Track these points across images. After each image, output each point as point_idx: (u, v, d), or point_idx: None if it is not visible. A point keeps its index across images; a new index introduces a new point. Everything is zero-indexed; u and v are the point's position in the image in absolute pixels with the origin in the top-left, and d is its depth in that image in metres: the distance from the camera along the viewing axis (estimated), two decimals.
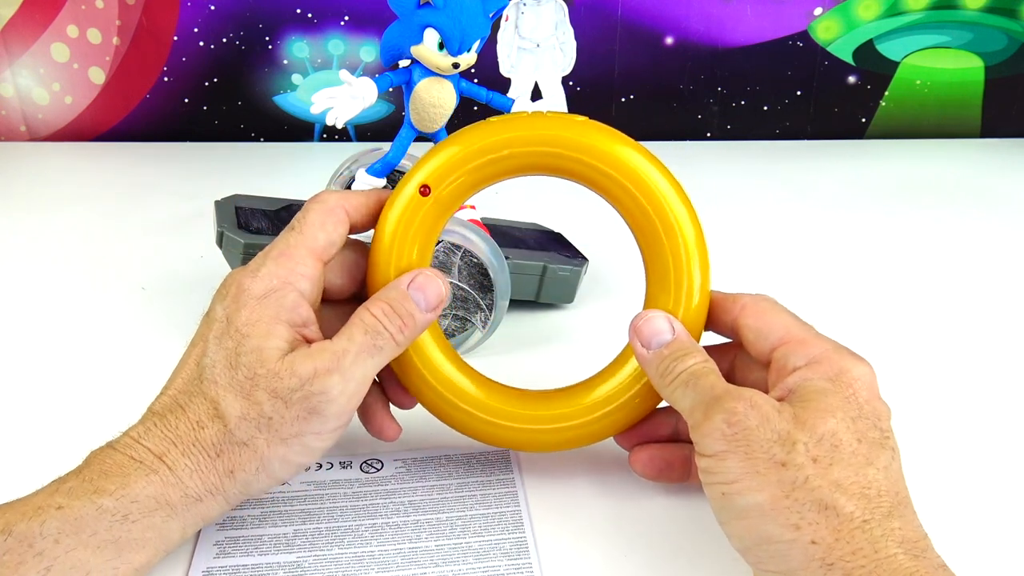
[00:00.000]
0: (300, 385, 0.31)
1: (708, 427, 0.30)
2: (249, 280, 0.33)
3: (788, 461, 0.28)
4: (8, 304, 0.54)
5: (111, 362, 0.48)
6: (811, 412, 0.29)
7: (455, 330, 0.46)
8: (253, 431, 0.31)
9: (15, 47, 0.81)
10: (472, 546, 0.35)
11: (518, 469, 0.39)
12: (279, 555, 0.34)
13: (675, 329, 0.34)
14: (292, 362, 0.32)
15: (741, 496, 0.29)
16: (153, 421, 0.32)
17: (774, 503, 0.28)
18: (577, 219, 0.60)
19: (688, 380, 0.32)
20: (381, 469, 0.39)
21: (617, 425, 0.37)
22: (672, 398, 0.33)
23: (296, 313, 0.33)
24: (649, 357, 0.34)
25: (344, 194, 0.36)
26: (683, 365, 0.33)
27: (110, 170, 0.80)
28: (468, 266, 0.45)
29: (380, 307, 0.34)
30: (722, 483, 0.30)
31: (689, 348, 0.34)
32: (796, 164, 0.83)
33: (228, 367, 0.32)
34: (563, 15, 0.85)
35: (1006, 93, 0.89)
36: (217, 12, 0.81)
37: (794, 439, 0.29)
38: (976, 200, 0.74)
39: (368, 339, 0.33)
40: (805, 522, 0.28)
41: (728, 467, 0.30)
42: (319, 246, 0.34)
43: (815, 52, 0.86)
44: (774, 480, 0.28)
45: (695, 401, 0.32)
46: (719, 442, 0.30)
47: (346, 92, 0.41)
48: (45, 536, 0.28)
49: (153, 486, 0.30)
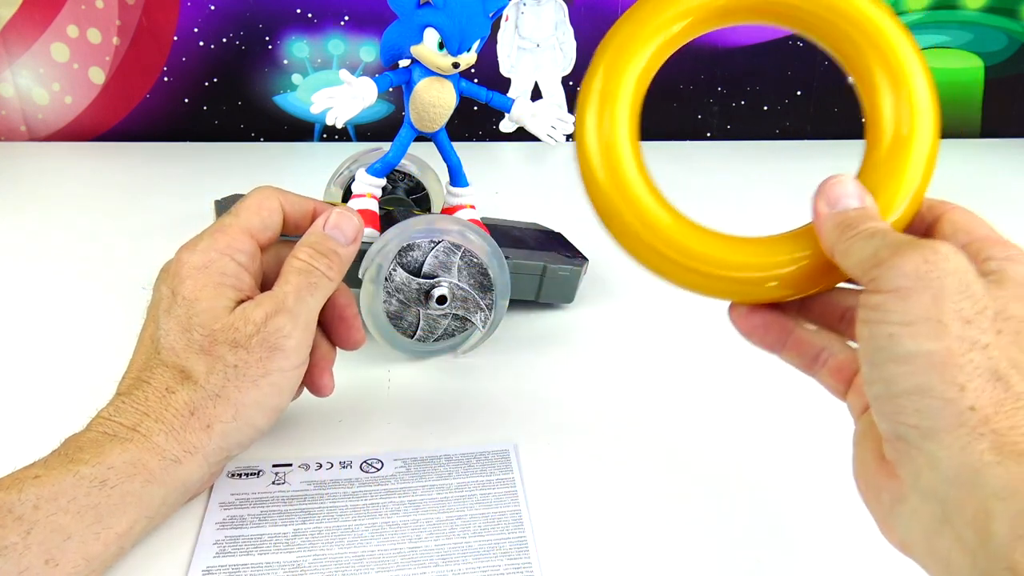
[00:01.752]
0: (256, 330, 0.34)
1: (899, 260, 0.27)
2: (187, 254, 0.36)
3: (974, 320, 0.26)
4: (8, 304, 0.54)
5: (111, 362, 0.48)
6: (1008, 290, 0.27)
7: (455, 330, 0.46)
8: (222, 381, 0.34)
9: (15, 47, 0.81)
10: (472, 546, 0.35)
11: (518, 469, 0.39)
12: (279, 554, 0.34)
13: (865, 201, 0.32)
14: (243, 311, 0.34)
15: (914, 340, 0.26)
16: (122, 400, 0.34)
17: (948, 356, 0.26)
18: (577, 219, 0.60)
19: (875, 233, 0.29)
20: (381, 469, 0.39)
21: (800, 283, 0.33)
22: (848, 251, 0.30)
23: (238, 279, 0.36)
24: (830, 216, 0.31)
25: (282, 190, 0.39)
26: (870, 224, 0.30)
27: (110, 170, 0.80)
28: (468, 266, 0.45)
29: (305, 251, 0.37)
30: (897, 323, 0.27)
31: (875, 216, 0.31)
32: (796, 164, 0.83)
33: (183, 332, 0.34)
34: (563, 15, 0.85)
35: (1006, 93, 0.89)
36: (217, 12, 0.81)
37: (985, 304, 0.27)
38: (976, 200, 0.74)
39: (303, 279, 0.36)
40: (972, 385, 0.26)
41: (910, 306, 0.27)
42: (253, 227, 0.37)
43: (815, 52, 0.86)
44: (955, 333, 0.26)
45: (880, 246, 0.28)
46: (908, 278, 0.27)
47: (346, 92, 0.41)
48: (24, 502, 0.29)
49: (128, 452, 0.32)
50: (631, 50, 0.34)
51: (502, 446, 0.41)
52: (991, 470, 0.25)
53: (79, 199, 0.73)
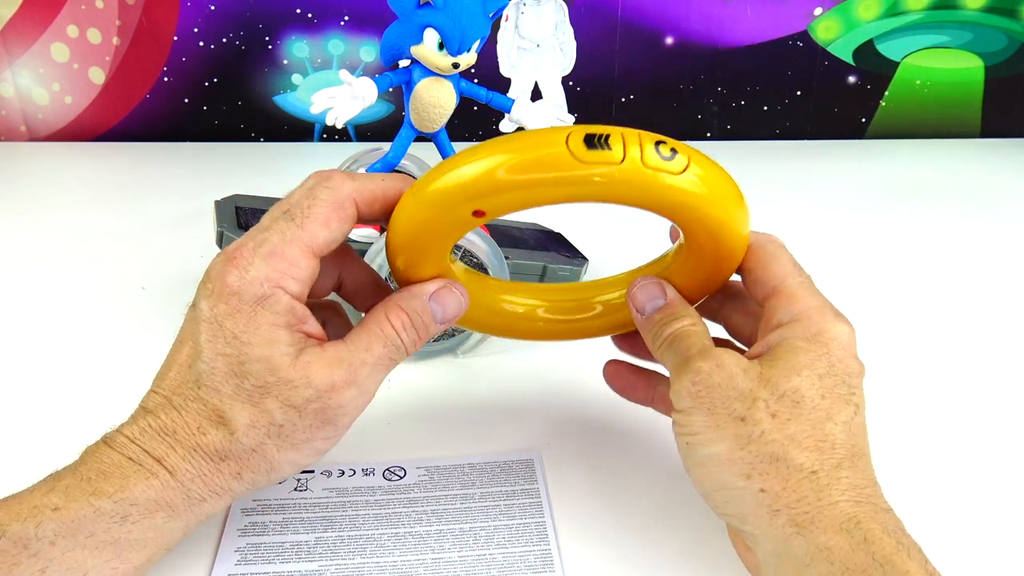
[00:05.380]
0: (316, 396, 0.30)
1: (678, 385, 0.32)
2: (236, 280, 0.30)
3: (747, 416, 0.30)
4: (8, 304, 0.54)
5: (111, 362, 0.48)
6: (778, 370, 0.31)
7: (455, 330, 0.46)
8: (263, 438, 0.31)
9: (15, 47, 0.81)
10: (496, 558, 0.34)
11: (543, 479, 0.39)
12: (300, 563, 0.34)
13: (667, 294, 0.35)
14: (307, 370, 0.30)
15: (703, 447, 0.31)
16: (148, 421, 0.31)
17: (730, 454, 0.30)
18: (577, 219, 0.60)
19: (672, 342, 0.33)
20: (404, 477, 0.39)
21: (612, 328, 0.39)
22: (661, 359, 0.34)
23: (292, 315, 0.31)
24: (643, 322, 0.35)
25: (358, 182, 0.32)
26: (670, 329, 0.34)
27: (110, 170, 0.80)
28: (468, 266, 0.45)
29: (401, 319, 0.32)
30: (688, 435, 0.32)
31: (679, 312, 0.34)
32: (796, 164, 0.83)
33: (232, 375, 0.30)
34: (563, 15, 0.85)
35: (1006, 93, 0.89)
36: (217, 12, 0.81)
37: (755, 396, 0.30)
38: (976, 200, 0.74)
39: (386, 352, 0.32)
40: (756, 472, 0.30)
41: (694, 421, 0.31)
42: (318, 244, 0.31)
43: (815, 52, 0.86)
44: (731, 434, 0.30)
45: (674, 361, 0.33)
46: (686, 399, 0.31)
47: (346, 92, 0.41)
48: (41, 538, 0.28)
49: (153, 490, 0.30)
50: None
51: (526, 455, 0.40)
52: (795, 541, 0.29)
53: (79, 199, 0.73)
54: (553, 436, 0.42)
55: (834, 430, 0.30)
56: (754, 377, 0.31)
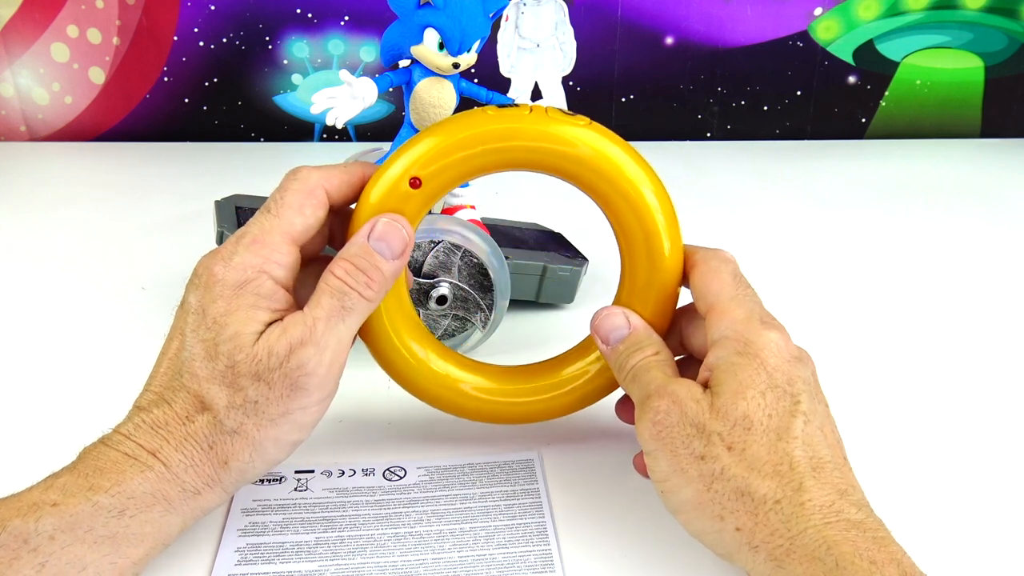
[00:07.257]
0: (279, 364, 0.31)
1: (641, 427, 0.32)
2: (221, 269, 0.32)
3: (706, 454, 0.30)
4: (8, 304, 0.54)
5: (111, 362, 0.48)
6: (725, 397, 0.30)
7: (455, 330, 0.46)
8: (241, 417, 0.31)
9: (15, 47, 0.81)
10: (496, 558, 0.34)
11: (543, 479, 0.39)
12: (300, 563, 0.34)
13: (631, 323, 0.35)
14: (267, 341, 0.31)
15: (673, 494, 0.31)
16: (141, 417, 0.32)
17: (698, 497, 0.30)
18: (577, 219, 0.60)
19: (636, 376, 0.33)
20: (404, 477, 0.39)
21: (585, 401, 0.39)
22: (629, 392, 0.34)
23: (274, 300, 0.32)
24: (608, 352, 0.35)
25: (325, 172, 0.34)
26: (633, 360, 0.34)
27: (110, 170, 0.80)
28: (468, 266, 0.45)
29: (343, 266, 0.33)
30: (659, 481, 0.32)
31: (643, 342, 0.34)
32: (796, 164, 0.83)
33: (208, 359, 0.31)
34: (563, 15, 0.85)
35: (1006, 93, 0.89)
36: (217, 12, 0.81)
37: (709, 431, 0.30)
38: (976, 200, 0.74)
39: (335, 302, 0.32)
40: (727, 511, 0.29)
41: (659, 466, 0.31)
42: (296, 231, 0.33)
43: (815, 52, 0.86)
44: (695, 475, 0.30)
45: (638, 397, 0.33)
46: (650, 442, 0.31)
47: (346, 92, 0.41)
48: (40, 533, 0.28)
49: (149, 482, 0.30)
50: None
51: (526, 455, 0.40)
52: (778, 574, 0.29)
53: (79, 199, 0.73)
54: (553, 436, 0.42)
55: (788, 448, 0.29)
56: (706, 408, 0.30)
